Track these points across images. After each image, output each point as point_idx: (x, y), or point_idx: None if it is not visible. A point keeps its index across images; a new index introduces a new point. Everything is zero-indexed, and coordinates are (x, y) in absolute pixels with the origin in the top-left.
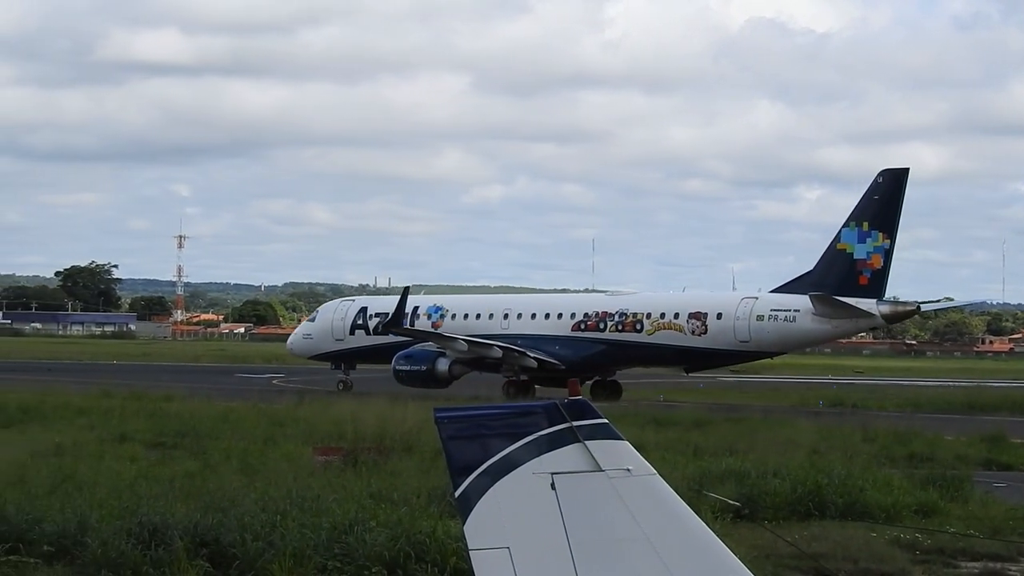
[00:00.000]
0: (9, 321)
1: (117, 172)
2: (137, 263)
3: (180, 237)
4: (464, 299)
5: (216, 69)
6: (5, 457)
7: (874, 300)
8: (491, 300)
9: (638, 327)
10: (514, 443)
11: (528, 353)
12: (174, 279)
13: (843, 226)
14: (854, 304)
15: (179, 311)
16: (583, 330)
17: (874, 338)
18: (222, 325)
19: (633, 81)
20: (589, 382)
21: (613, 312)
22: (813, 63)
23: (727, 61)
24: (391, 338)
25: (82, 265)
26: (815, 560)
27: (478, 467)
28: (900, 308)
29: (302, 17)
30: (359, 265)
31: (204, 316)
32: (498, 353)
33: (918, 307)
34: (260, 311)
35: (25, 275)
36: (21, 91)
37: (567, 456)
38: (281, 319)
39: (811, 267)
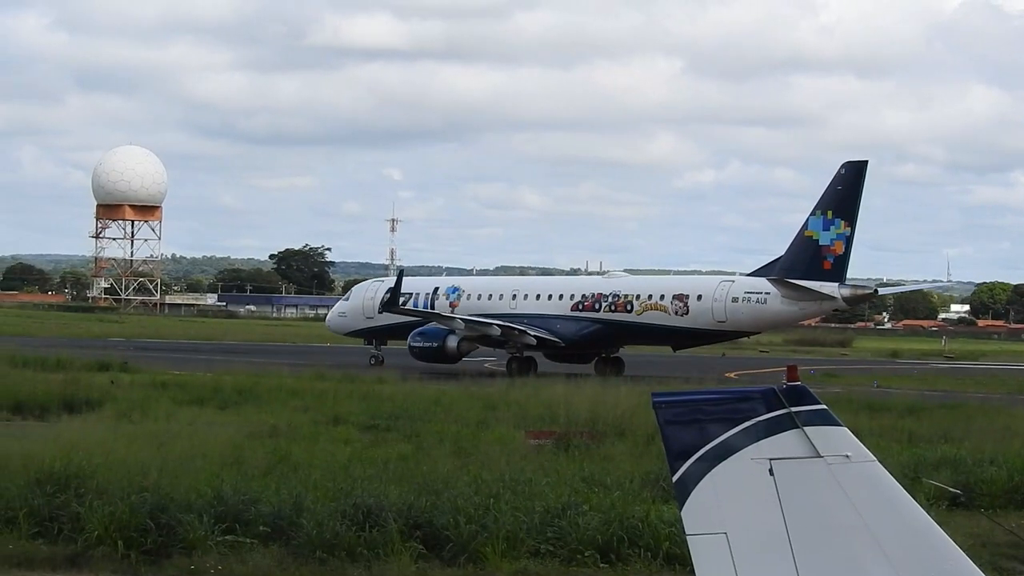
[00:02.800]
0: (224, 303)
1: (331, 156)
2: (350, 246)
3: (392, 220)
4: (479, 280)
5: (430, 54)
6: (222, 438)
7: (836, 284)
8: (502, 281)
9: (628, 308)
10: (732, 428)
11: (528, 331)
12: (386, 262)
13: (810, 214)
14: (813, 287)
15: None
16: (581, 310)
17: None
18: None
19: (846, 65)
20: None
21: (607, 294)
22: None
23: (941, 44)
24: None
25: (296, 248)
26: None
27: (696, 452)
28: (859, 291)
29: (517, 2)
30: (569, 249)
31: None
32: (496, 331)
33: (875, 290)
34: None
35: (240, 258)
36: (238, 76)
37: (785, 442)
38: None
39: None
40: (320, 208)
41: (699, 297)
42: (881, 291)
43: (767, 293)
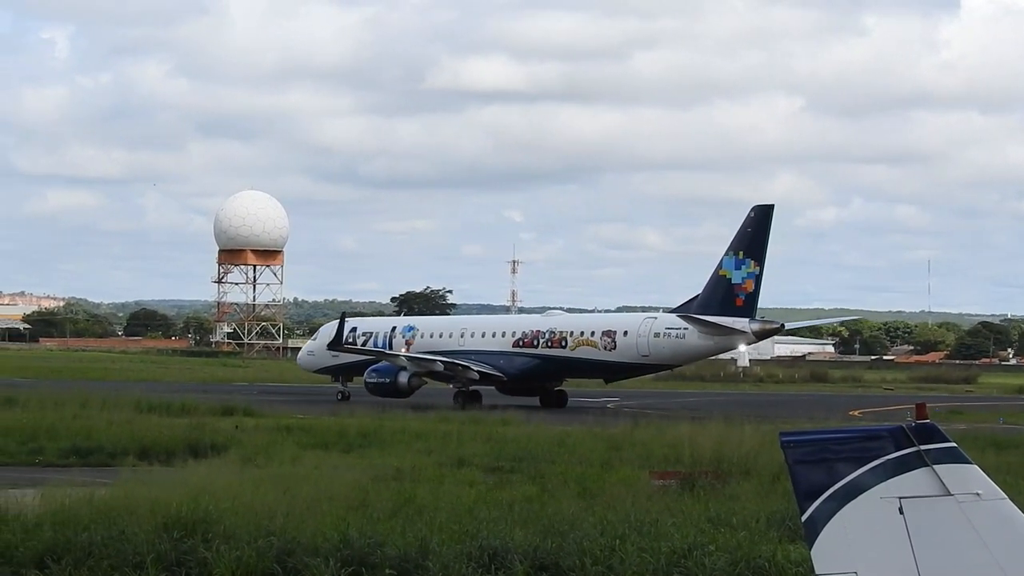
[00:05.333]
0: None
1: (451, 198)
2: (471, 288)
3: (513, 262)
4: (431, 320)
5: (548, 95)
6: (347, 482)
7: (747, 319)
8: (451, 320)
9: (563, 344)
10: (861, 467)
11: (471, 366)
12: (508, 304)
13: (724, 255)
14: (726, 323)
15: None
16: (521, 346)
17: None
18: None
19: (969, 100)
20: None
21: (544, 331)
22: None
23: None
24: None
25: (417, 291)
26: None
27: (825, 491)
28: (768, 326)
29: (635, 42)
30: (690, 289)
31: None
32: (440, 367)
33: (782, 325)
34: None
35: (362, 300)
36: (357, 120)
37: (915, 480)
38: None
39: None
40: (441, 250)
41: (625, 333)
42: (788, 326)
43: (686, 328)
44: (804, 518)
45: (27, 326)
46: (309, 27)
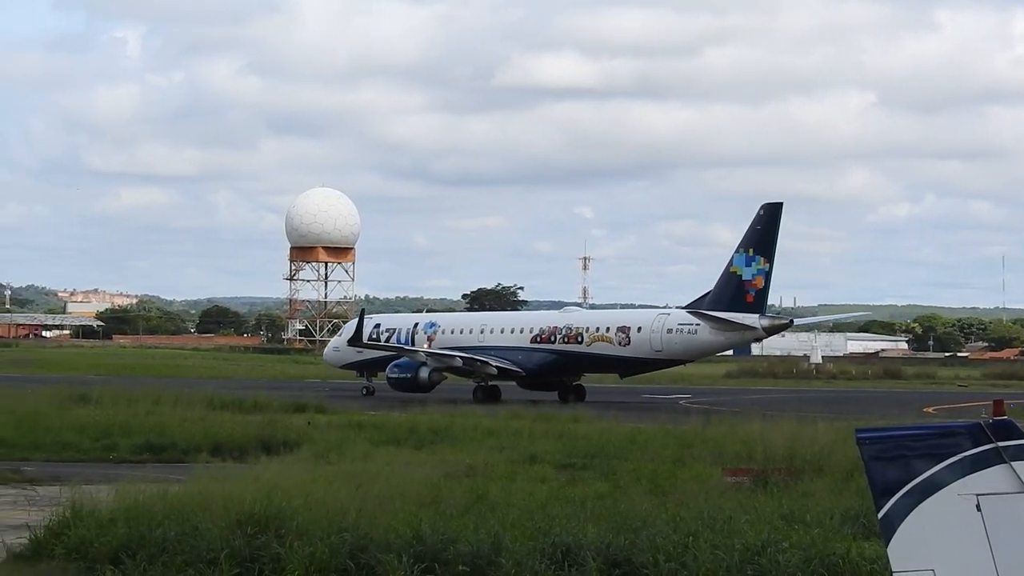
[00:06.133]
0: None
1: (522, 195)
2: (542, 285)
3: (584, 259)
4: (453, 316)
5: (620, 92)
6: (419, 478)
7: (757, 315)
8: (472, 317)
9: (579, 339)
10: (937, 464)
11: (490, 362)
12: (579, 300)
13: (734, 252)
14: (736, 319)
15: None
16: (539, 342)
17: None
18: None
19: None
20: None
21: (561, 327)
22: None
23: None
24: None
25: (488, 287)
26: None
27: (901, 488)
28: (777, 322)
29: (707, 38)
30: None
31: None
32: (459, 362)
33: (791, 321)
34: None
35: (433, 298)
36: (428, 117)
37: (992, 477)
38: None
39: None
40: (512, 247)
41: (639, 329)
42: (797, 322)
43: (697, 324)
44: (880, 515)
45: (100, 323)
46: (380, 25)
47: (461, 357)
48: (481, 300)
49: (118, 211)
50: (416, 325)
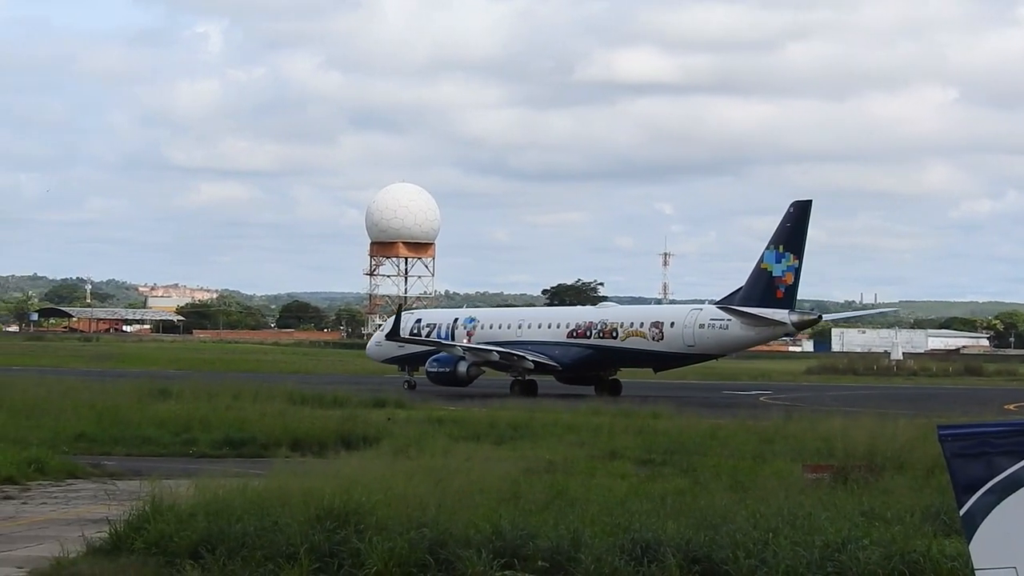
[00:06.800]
0: None
1: (602, 191)
2: (622, 281)
3: (665, 254)
4: (492, 312)
5: (700, 87)
6: (499, 474)
7: (787, 311)
8: (510, 312)
9: (614, 334)
10: (1020, 461)
11: (527, 356)
12: (659, 296)
13: (765, 249)
14: (766, 315)
15: None
16: (575, 337)
17: None
18: None
19: None
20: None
21: (596, 322)
22: None
23: None
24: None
25: (568, 283)
26: None
27: (983, 485)
28: (806, 317)
29: (788, 33)
30: (845, 281)
31: None
32: (495, 357)
33: (820, 316)
34: None
35: (513, 293)
36: (508, 112)
37: None
38: None
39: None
40: (592, 243)
41: (672, 324)
42: (825, 317)
43: (729, 319)
44: (962, 512)
45: (181, 318)
46: (460, 19)
47: (498, 352)
48: (561, 296)
49: (199, 206)
50: (456, 320)
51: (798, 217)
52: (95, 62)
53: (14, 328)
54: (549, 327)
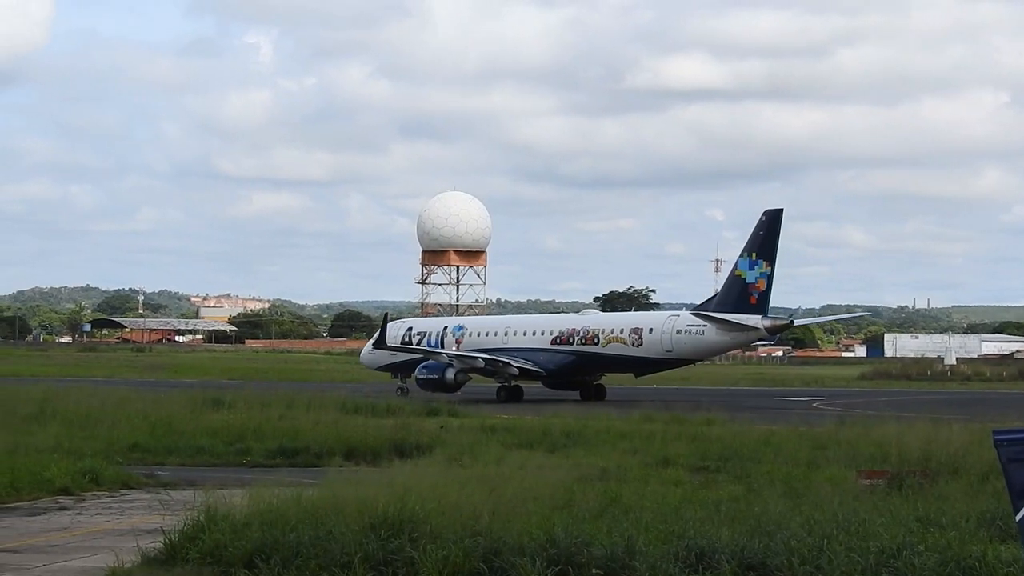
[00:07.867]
0: None
1: (653, 197)
2: (674, 287)
3: (716, 261)
4: (479, 319)
5: (751, 93)
6: (552, 481)
7: (759, 316)
8: (496, 320)
9: (596, 341)
10: None
11: (511, 363)
12: None
13: (739, 257)
14: (740, 320)
15: None
16: (558, 344)
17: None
18: (759, 348)
19: None
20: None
21: (579, 329)
22: None
23: None
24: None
25: (620, 290)
26: None
27: None
28: (778, 322)
29: (839, 39)
30: (897, 287)
31: None
32: (481, 363)
33: (791, 321)
34: (797, 334)
35: (565, 301)
36: (559, 120)
37: None
38: (819, 342)
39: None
40: (643, 249)
41: (650, 330)
42: (797, 322)
43: (704, 325)
44: (1018, 517)
45: (233, 328)
46: (511, 28)
47: (483, 358)
48: (613, 303)
49: (250, 215)
50: (445, 328)
51: (770, 225)
52: (147, 72)
53: (67, 339)
54: (534, 334)
